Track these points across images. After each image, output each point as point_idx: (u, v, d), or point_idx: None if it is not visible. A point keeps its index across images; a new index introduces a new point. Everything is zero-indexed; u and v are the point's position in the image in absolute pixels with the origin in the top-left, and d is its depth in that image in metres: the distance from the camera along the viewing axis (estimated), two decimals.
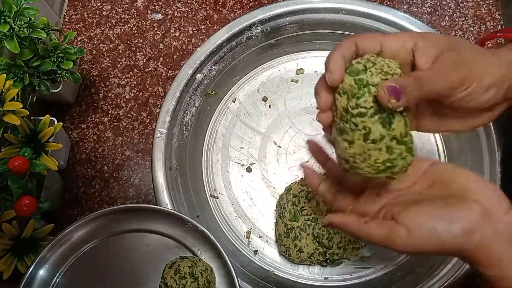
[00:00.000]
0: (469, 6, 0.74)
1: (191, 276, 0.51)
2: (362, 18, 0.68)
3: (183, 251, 0.55)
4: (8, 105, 0.51)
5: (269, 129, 0.69)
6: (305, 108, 0.69)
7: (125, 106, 0.70)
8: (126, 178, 0.66)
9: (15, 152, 0.54)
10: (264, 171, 0.66)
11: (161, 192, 0.60)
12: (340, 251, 0.59)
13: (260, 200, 0.65)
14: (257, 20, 0.68)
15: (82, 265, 0.54)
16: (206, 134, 0.69)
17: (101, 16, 0.76)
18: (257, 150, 0.68)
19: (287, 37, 0.70)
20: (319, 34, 0.70)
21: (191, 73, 0.65)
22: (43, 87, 0.60)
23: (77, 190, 0.65)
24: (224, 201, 0.65)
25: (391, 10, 0.67)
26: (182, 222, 0.54)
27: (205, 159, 0.68)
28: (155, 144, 0.62)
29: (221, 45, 0.67)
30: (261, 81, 0.72)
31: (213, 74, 0.68)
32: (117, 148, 0.68)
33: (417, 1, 0.75)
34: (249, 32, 0.68)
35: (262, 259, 0.62)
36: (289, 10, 0.68)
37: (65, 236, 0.54)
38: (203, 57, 0.66)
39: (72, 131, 0.69)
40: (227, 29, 0.67)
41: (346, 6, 0.67)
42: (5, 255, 0.54)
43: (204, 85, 0.67)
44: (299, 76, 0.72)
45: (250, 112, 0.70)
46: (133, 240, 0.55)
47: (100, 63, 0.73)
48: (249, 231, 0.63)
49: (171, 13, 0.76)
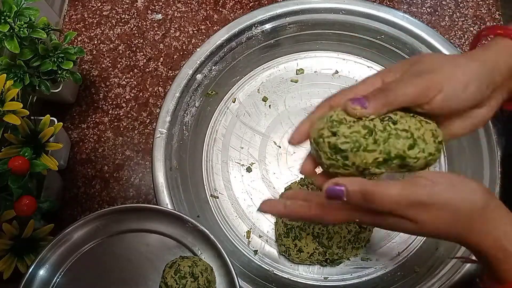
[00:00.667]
0: (469, 6, 0.74)
1: (191, 276, 0.51)
2: (362, 18, 0.68)
3: (183, 251, 0.55)
4: (8, 105, 0.51)
5: (269, 129, 0.69)
6: (305, 108, 0.69)
7: (125, 106, 0.70)
8: (126, 178, 0.66)
9: (15, 152, 0.54)
10: (264, 171, 0.66)
11: (161, 192, 0.60)
12: (340, 251, 0.59)
13: (260, 200, 0.65)
14: (257, 20, 0.68)
15: (82, 265, 0.54)
16: (206, 134, 0.69)
17: (101, 16, 0.76)
18: (257, 150, 0.68)
19: (287, 37, 0.70)
20: (319, 34, 0.70)
21: (191, 73, 0.66)
22: (43, 87, 0.60)
23: (77, 190, 0.65)
24: (224, 201, 0.65)
25: (391, 10, 0.67)
26: (182, 222, 0.54)
27: (205, 159, 0.68)
28: (155, 144, 0.62)
29: (221, 45, 0.67)
30: (261, 81, 0.72)
31: (213, 74, 0.68)
32: (117, 148, 0.68)
33: (417, 1, 0.75)
34: (249, 32, 0.68)
35: (262, 259, 0.62)
36: (289, 10, 0.68)
37: (65, 236, 0.54)
38: (203, 57, 0.66)
39: (72, 131, 0.69)
40: (227, 29, 0.67)
41: (346, 6, 0.68)
42: (5, 255, 0.54)
43: (204, 85, 0.67)
44: (299, 76, 0.72)
45: (250, 112, 0.70)
46: (133, 240, 0.55)
47: (100, 63, 0.73)
48: (249, 231, 0.63)
49: (171, 13, 0.76)
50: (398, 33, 0.67)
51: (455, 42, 0.72)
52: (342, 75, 0.71)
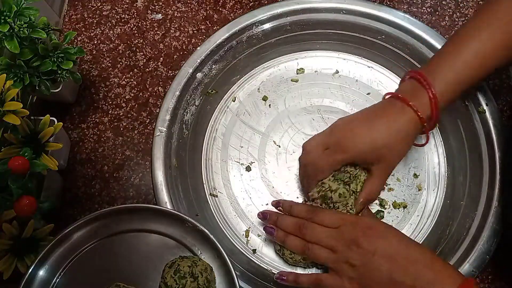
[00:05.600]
0: (469, 6, 0.74)
1: (191, 276, 0.51)
2: (362, 18, 0.68)
3: (183, 250, 0.55)
4: (8, 105, 0.51)
5: (269, 128, 0.69)
6: (305, 108, 0.69)
7: (125, 106, 0.70)
8: (126, 178, 0.66)
9: (15, 152, 0.54)
10: (264, 171, 0.66)
11: (160, 191, 0.60)
12: None
13: (259, 199, 0.65)
14: (258, 19, 0.68)
15: (82, 265, 0.54)
16: (206, 133, 0.69)
17: (101, 16, 0.76)
18: (256, 149, 0.68)
19: (288, 36, 0.70)
20: (319, 34, 0.70)
21: (192, 72, 0.66)
22: (43, 87, 0.60)
23: (77, 190, 0.65)
24: (223, 200, 0.65)
25: (391, 10, 0.67)
26: (181, 221, 0.55)
27: (205, 158, 0.68)
28: (155, 142, 0.62)
29: (221, 44, 0.67)
30: (261, 81, 0.72)
31: (214, 73, 0.68)
32: (117, 148, 0.68)
33: (417, 1, 0.75)
34: (250, 32, 0.68)
35: (261, 258, 0.62)
36: (290, 9, 0.68)
37: (65, 236, 0.54)
38: (204, 56, 0.66)
39: (72, 131, 0.69)
40: (228, 28, 0.67)
41: (347, 6, 0.68)
42: (5, 255, 0.54)
43: (204, 84, 0.67)
44: (299, 76, 0.72)
45: (250, 111, 0.70)
46: (133, 240, 0.55)
47: (100, 63, 0.73)
48: (248, 230, 0.63)
49: (171, 13, 0.76)
50: (399, 33, 0.67)
51: None
52: (342, 75, 0.71)
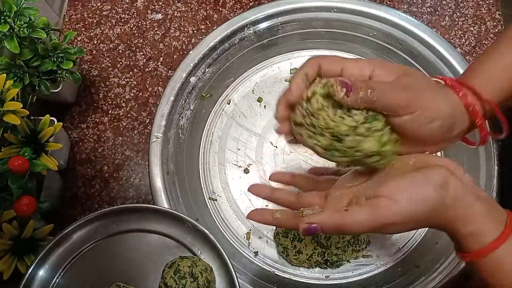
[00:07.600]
0: (469, 6, 0.74)
1: (191, 276, 0.51)
2: (362, 18, 0.67)
3: (183, 251, 0.55)
4: (8, 105, 0.51)
5: (265, 129, 0.69)
6: None
7: (125, 106, 0.70)
8: (126, 178, 0.66)
9: (15, 152, 0.54)
10: (262, 172, 0.66)
11: (159, 197, 0.59)
12: (339, 252, 0.59)
13: (259, 201, 0.65)
14: (249, 21, 0.67)
15: (82, 265, 0.54)
16: (202, 137, 0.69)
17: (101, 16, 0.76)
18: (253, 151, 0.68)
19: (280, 37, 0.70)
20: (311, 33, 0.70)
21: (185, 76, 0.65)
22: (43, 87, 0.60)
23: (77, 190, 0.65)
24: (222, 203, 0.65)
25: (391, 10, 0.67)
26: (182, 222, 0.54)
27: (202, 162, 0.67)
28: (151, 148, 0.61)
29: (214, 47, 0.67)
30: (255, 82, 0.71)
31: (207, 76, 0.67)
32: (117, 148, 0.68)
33: (417, 1, 0.75)
34: (242, 33, 0.68)
35: (263, 260, 0.62)
36: (281, 10, 0.68)
37: (65, 236, 0.54)
38: (197, 59, 0.66)
39: (72, 131, 0.69)
40: (219, 31, 0.67)
41: (338, 5, 0.67)
42: (5, 255, 0.54)
43: (199, 88, 0.67)
44: None
45: (245, 113, 0.70)
46: (133, 240, 0.55)
47: (100, 63, 0.73)
48: (249, 232, 0.63)
49: (171, 13, 0.76)
50: (390, 29, 0.66)
51: (455, 42, 0.72)
52: None
